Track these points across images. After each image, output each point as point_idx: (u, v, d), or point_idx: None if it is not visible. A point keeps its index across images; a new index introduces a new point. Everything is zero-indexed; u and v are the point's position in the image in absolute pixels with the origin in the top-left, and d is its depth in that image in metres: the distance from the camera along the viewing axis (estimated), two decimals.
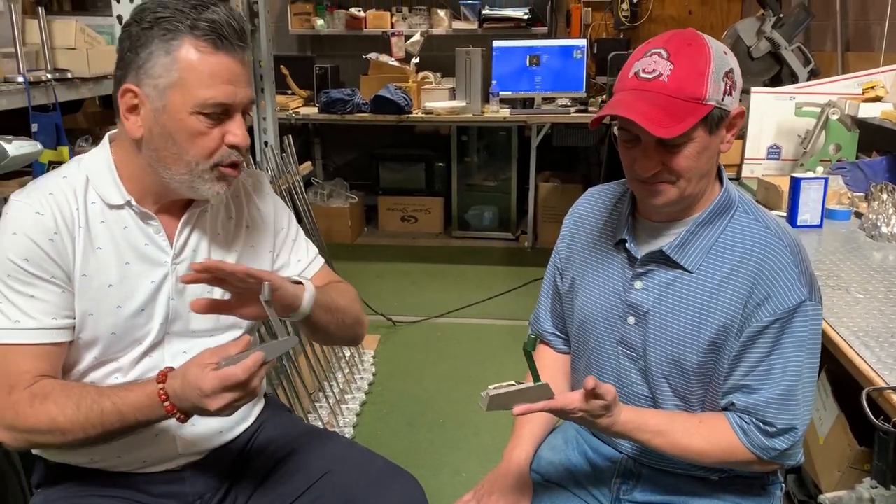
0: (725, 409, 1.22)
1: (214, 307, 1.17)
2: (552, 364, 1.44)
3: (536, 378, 1.13)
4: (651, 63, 1.12)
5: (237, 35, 1.13)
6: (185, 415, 1.10)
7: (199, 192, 1.18)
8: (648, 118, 1.09)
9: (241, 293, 1.15)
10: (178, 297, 1.24)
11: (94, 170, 1.20)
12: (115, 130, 1.22)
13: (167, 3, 1.12)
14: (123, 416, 1.10)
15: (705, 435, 1.20)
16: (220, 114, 1.14)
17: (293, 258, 1.41)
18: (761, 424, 1.17)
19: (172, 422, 1.12)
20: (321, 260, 1.46)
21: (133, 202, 1.20)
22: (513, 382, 1.14)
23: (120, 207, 1.20)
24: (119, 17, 1.89)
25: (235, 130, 1.16)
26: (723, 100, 1.12)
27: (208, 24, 1.10)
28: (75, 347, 1.19)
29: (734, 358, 1.18)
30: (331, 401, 2.74)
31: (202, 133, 1.13)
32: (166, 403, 1.08)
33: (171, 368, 1.12)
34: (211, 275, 1.10)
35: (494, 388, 1.12)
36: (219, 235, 1.30)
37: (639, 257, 1.23)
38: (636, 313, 1.24)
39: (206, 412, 1.07)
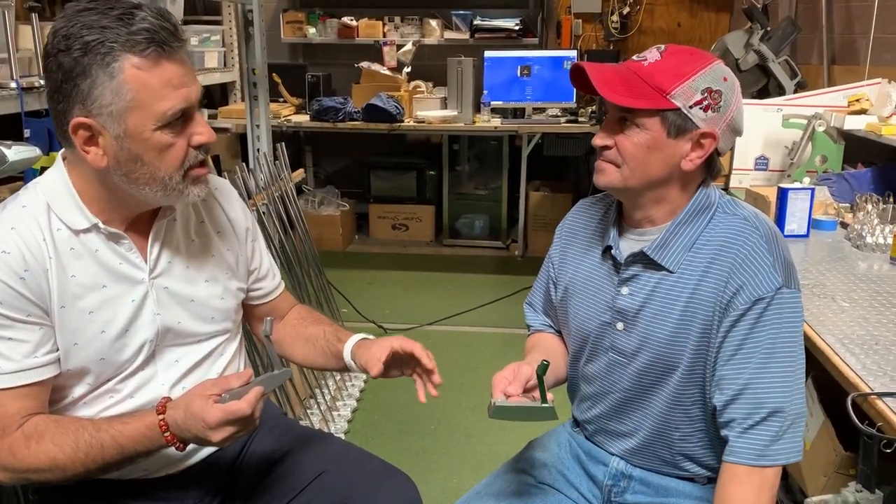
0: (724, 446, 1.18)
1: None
2: (556, 345, 1.45)
3: (544, 399, 1.19)
4: (647, 53, 1.19)
5: (173, 35, 1.07)
6: (184, 444, 1.11)
7: (178, 202, 1.17)
8: (605, 81, 1.15)
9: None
10: (164, 310, 1.22)
11: (54, 195, 1.14)
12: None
13: (90, 24, 1.03)
14: (123, 448, 1.10)
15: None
16: (182, 120, 1.11)
17: (264, 266, 1.43)
18: (742, 429, 1.14)
19: None
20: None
21: (100, 224, 1.15)
22: (524, 399, 1.18)
23: (87, 231, 1.15)
24: None
25: (199, 130, 1.13)
26: (690, 108, 1.14)
27: (144, 37, 1.04)
28: (67, 378, 1.16)
29: (716, 349, 1.17)
30: (322, 407, 2.75)
31: (170, 145, 1.10)
32: (166, 434, 1.09)
33: (169, 399, 1.13)
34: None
35: (502, 400, 1.17)
36: (193, 242, 1.28)
37: (622, 260, 1.25)
38: (624, 318, 1.26)
39: (206, 442, 1.08)
